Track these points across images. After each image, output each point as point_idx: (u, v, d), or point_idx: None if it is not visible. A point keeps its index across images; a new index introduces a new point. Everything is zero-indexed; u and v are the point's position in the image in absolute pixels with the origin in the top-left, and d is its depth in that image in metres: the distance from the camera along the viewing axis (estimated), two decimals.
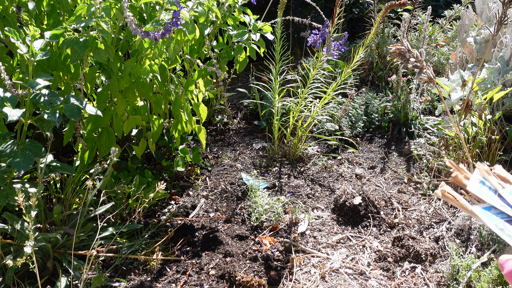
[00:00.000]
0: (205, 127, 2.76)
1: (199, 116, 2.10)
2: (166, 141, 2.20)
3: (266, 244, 1.74)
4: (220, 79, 1.91)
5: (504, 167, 2.20)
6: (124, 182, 1.82)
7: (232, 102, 3.24)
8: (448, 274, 1.52)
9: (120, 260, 1.58)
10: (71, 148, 2.33)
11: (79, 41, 1.49)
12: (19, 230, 1.38)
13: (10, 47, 1.56)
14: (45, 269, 1.49)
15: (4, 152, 1.30)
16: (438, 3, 4.79)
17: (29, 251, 1.09)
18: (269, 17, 3.47)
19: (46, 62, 1.64)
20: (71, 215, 1.63)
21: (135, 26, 1.46)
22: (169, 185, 2.14)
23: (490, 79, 2.22)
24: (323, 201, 2.04)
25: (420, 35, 3.27)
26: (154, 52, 1.71)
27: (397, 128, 2.72)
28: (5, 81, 1.32)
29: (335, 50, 2.01)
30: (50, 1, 1.67)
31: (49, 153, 1.49)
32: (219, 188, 2.16)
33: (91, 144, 1.76)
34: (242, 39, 1.99)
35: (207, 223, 1.89)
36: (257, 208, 1.89)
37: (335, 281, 1.55)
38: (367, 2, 4.26)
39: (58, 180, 1.70)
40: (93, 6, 1.49)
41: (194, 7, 1.73)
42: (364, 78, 3.36)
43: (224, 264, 1.59)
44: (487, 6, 2.72)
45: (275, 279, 1.55)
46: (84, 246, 1.58)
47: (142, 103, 1.90)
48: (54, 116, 1.32)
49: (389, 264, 1.63)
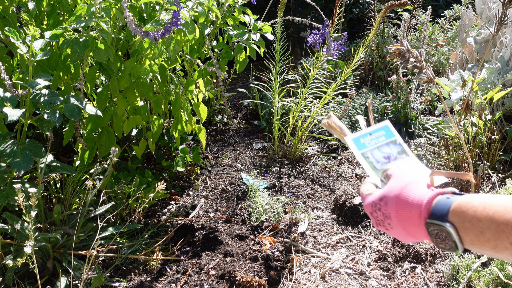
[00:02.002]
0: (205, 127, 2.76)
1: (199, 116, 2.10)
2: (166, 141, 2.20)
3: (266, 244, 1.74)
4: (220, 79, 1.91)
5: (504, 167, 2.20)
6: (124, 182, 1.82)
7: (232, 102, 3.24)
8: (448, 274, 1.52)
9: (120, 260, 1.58)
10: (71, 148, 2.32)
11: (79, 41, 1.49)
12: (19, 230, 1.38)
13: (10, 47, 1.56)
14: (45, 269, 1.49)
15: (4, 152, 1.30)
16: (438, 3, 4.79)
17: (29, 251, 1.09)
18: (269, 17, 3.47)
19: (46, 62, 1.64)
20: (71, 215, 1.63)
21: (135, 26, 1.46)
22: (169, 185, 2.14)
23: (490, 79, 2.22)
24: (323, 201, 2.04)
25: (420, 35, 3.27)
26: (154, 52, 1.71)
27: (397, 128, 2.72)
28: (5, 81, 1.32)
29: (335, 50, 2.01)
30: (50, 1, 1.67)
31: (49, 153, 1.49)
32: (219, 188, 2.16)
33: (91, 144, 1.76)
34: (242, 39, 1.98)
35: (207, 223, 1.89)
36: (257, 208, 1.89)
37: (335, 281, 1.55)
38: (367, 2, 4.26)
39: (58, 180, 1.70)
40: (93, 6, 1.49)
41: (194, 7, 1.73)
42: (364, 78, 3.36)
43: (224, 264, 1.59)
44: (487, 6, 2.72)
45: (275, 279, 1.55)
46: (84, 246, 1.58)
47: (142, 103, 1.90)
48: (54, 116, 1.32)
49: (389, 264, 1.63)
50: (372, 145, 0.81)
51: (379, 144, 0.81)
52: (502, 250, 0.52)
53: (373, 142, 0.81)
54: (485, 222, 0.53)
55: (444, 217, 0.57)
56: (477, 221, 0.54)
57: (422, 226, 0.61)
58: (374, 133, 0.82)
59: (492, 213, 0.53)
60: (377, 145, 0.81)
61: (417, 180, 0.65)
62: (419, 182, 0.65)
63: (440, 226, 0.57)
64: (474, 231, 0.54)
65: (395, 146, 0.81)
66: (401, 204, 0.63)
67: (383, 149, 0.81)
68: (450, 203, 0.58)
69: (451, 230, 0.56)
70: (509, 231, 0.50)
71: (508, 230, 0.50)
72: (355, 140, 0.82)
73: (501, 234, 0.51)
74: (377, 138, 0.82)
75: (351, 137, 0.82)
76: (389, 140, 0.82)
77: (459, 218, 0.56)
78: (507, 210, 0.52)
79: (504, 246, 0.51)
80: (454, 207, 0.57)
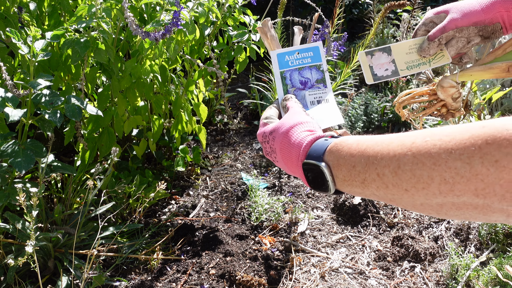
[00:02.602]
0: (205, 127, 2.76)
1: (199, 116, 2.10)
2: (167, 141, 2.21)
3: (266, 244, 1.75)
4: (220, 79, 1.92)
5: None
6: (125, 182, 1.82)
7: (232, 102, 3.24)
8: (447, 274, 1.53)
9: (121, 259, 1.59)
10: (72, 148, 2.33)
11: (80, 41, 1.49)
12: (21, 229, 1.38)
13: (11, 48, 1.57)
14: (46, 269, 1.50)
15: (5, 152, 1.30)
16: (437, 4, 4.80)
17: (30, 250, 1.10)
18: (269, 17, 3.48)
19: (47, 62, 1.65)
20: (72, 214, 1.63)
21: (135, 26, 1.46)
22: (169, 185, 2.14)
23: (489, 79, 2.22)
24: (323, 201, 2.05)
25: None
26: (154, 53, 1.72)
27: (396, 128, 2.73)
28: (7, 82, 1.33)
29: (335, 50, 2.02)
30: (51, 1, 1.68)
31: (50, 153, 1.50)
32: (219, 187, 2.17)
33: (92, 144, 1.77)
34: (242, 39, 1.99)
35: (207, 222, 1.89)
36: (257, 208, 1.90)
37: (335, 281, 1.56)
38: (366, 3, 4.27)
39: (59, 180, 1.71)
40: (94, 7, 1.50)
41: (195, 8, 1.74)
42: (364, 78, 3.37)
43: (224, 263, 1.59)
44: None
45: (275, 278, 1.56)
46: (85, 246, 1.58)
47: (143, 103, 1.90)
48: (55, 116, 1.33)
49: (389, 264, 1.64)
50: (295, 65, 0.77)
51: (302, 65, 0.77)
52: (370, 183, 0.52)
53: (297, 62, 0.77)
54: (357, 157, 0.54)
55: (320, 158, 0.58)
56: (350, 156, 0.55)
57: (300, 167, 0.62)
58: (302, 53, 0.78)
59: (365, 148, 0.53)
60: (299, 67, 0.77)
61: (307, 122, 0.66)
62: (307, 124, 0.65)
63: (315, 165, 0.58)
64: (346, 166, 0.55)
65: (317, 73, 0.77)
66: (284, 144, 0.65)
67: (304, 72, 0.77)
68: (327, 144, 0.59)
69: (324, 169, 0.57)
70: (378, 162, 0.50)
71: (377, 161, 0.51)
72: (280, 56, 0.78)
73: (370, 166, 0.51)
74: (303, 58, 0.78)
75: (276, 52, 0.78)
76: (314, 64, 0.78)
77: (334, 156, 0.57)
78: (377, 144, 0.52)
79: (372, 178, 0.51)
80: (330, 146, 0.58)
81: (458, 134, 0.44)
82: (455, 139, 0.44)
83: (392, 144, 0.50)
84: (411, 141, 0.48)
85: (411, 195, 0.48)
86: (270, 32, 0.80)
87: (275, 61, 0.77)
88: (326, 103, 0.75)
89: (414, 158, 0.47)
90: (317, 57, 0.78)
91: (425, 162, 0.45)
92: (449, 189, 0.44)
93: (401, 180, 0.48)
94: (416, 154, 0.47)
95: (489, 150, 0.41)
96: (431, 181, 0.45)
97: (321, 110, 0.74)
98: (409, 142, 0.48)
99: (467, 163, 0.42)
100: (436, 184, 0.45)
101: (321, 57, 0.78)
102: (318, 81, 0.77)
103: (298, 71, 0.77)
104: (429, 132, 0.48)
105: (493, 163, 0.40)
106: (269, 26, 0.80)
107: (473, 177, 0.42)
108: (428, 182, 0.46)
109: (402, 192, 0.49)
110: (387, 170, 0.49)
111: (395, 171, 0.48)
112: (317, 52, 0.78)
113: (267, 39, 0.80)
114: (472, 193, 0.43)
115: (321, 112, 0.73)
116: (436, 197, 0.46)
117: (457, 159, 0.43)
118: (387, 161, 0.49)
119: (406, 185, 0.48)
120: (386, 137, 0.53)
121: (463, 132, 0.44)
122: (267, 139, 0.69)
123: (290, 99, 0.73)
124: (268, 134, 0.69)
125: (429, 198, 0.47)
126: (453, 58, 0.85)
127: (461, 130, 0.44)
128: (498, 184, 0.40)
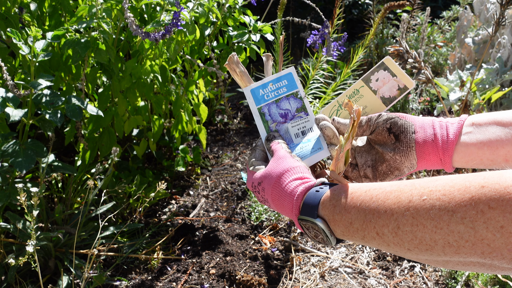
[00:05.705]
0: (205, 127, 2.77)
1: (199, 116, 2.11)
2: (167, 141, 2.21)
3: (266, 243, 1.75)
4: (220, 80, 1.93)
5: None
6: (125, 182, 1.83)
7: (232, 102, 3.25)
8: (446, 273, 1.53)
9: (121, 259, 1.59)
10: (72, 148, 2.34)
11: (81, 41, 1.50)
12: (21, 229, 1.39)
13: (12, 48, 1.57)
14: (47, 268, 1.50)
15: (6, 152, 1.31)
16: (436, 4, 4.81)
17: (31, 250, 1.10)
18: (269, 17, 3.48)
19: (47, 62, 1.65)
20: (72, 214, 1.64)
21: (136, 27, 1.47)
22: (169, 184, 2.15)
23: (488, 79, 2.23)
24: None
25: (419, 36, 3.29)
26: (154, 53, 1.73)
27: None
28: (8, 82, 1.34)
29: (335, 50, 2.03)
30: (52, 2, 1.68)
31: (51, 153, 1.50)
32: (220, 187, 2.17)
33: (92, 144, 1.78)
34: (242, 39, 2.00)
35: (208, 222, 1.90)
36: (257, 208, 1.91)
37: (335, 280, 1.57)
38: (366, 3, 4.28)
39: (60, 179, 1.71)
40: (94, 7, 1.51)
41: (195, 8, 1.74)
42: None
43: (224, 263, 1.60)
44: (485, 7, 2.74)
45: (275, 278, 1.56)
46: (85, 245, 1.59)
47: (143, 103, 1.91)
48: (55, 116, 1.34)
49: (388, 263, 1.64)
50: (271, 98, 0.73)
51: (279, 96, 0.74)
52: (370, 240, 0.51)
53: (273, 94, 0.74)
54: (353, 213, 0.52)
55: (314, 213, 0.57)
56: (346, 213, 0.53)
57: (296, 221, 0.61)
58: (276, 83, 0.74)
59: (359, 203, 0.52)
60: (276, 99, 0.73)
61: (294, 167, 0.63)
62: (295, 170, 0.63)
63: (312, 222, 0.57)
64: (343, 222, 0.53)
65: (295, 101, 0.74)
66: (275, 196, 0.63)
67: (282, 104, 0.74)
68: (320, 196, 0.57)
69: (321, 226, 0.55)
70: (376, 220, 0.49)
71: (374, 220, 0.49)
72: (254, 91, 0.73)
73: (368, 224, 0.50)
74: (278, 89, 0.74)
75: (249, 88, 0.74)
76: (290, 92, 0.74)
77: (329, 211, 0.55)
78: (372, 199, 0.51)
79: (371, 236, 0.50)
80: (323, 200, 0.57)
81: (457, 193, 0.43)
82: (454, 200, 0.42)
83: (388, 201, 0.49)
84: (408, 199, 0.47)
85: (415, 254, 0.47)
86: (238, 68, 0.75)
87: (250, 98, 0.73)
88: (310, 132, 0.72)
89: (414, 219, 0.45)
90: (292, 84, 0.74)
91: (426, 225, 0.44)
92: (454, 252, 0.43)
93: (403, 241, 0.47)
94: (415, 215, 0.45)
95: (493, 215, 0.39)
96: (435, 244, 0.44)
97: (307, 145, 0.71)
98: (405, 200, 0.47)
99: (470, 228, 0.41)
100: (440, 247, 0.44)
101: (296, 84, 0.75)
102: (298, 110, 0.74)
103: (275, 104, 0.73)
104: (424, 188, 0.46)
105: (499, 229, 0.39)
106: (235, 61, 0.75)
107: (478, 241, 0.41)
108: (431, 245, 0.44)
109: (405, 251, 0.48)
110: (386, 230, 0.48)
111: (395, 232, 0.47)
112: (291, 79, 0.75)
113: (237, 75, 0.75)
114: (479, 256, 0.41)
115: (307, 148, 0.70)
116: (441, 257, 0.45)
117: (459, 222, 0.41)
118: (385, 220, 0.48)
119: (409, 246, 0.47)
120: (379, 189, 0.51)
121: (462, 191, 0.42)
122: (257, 190, 0.67)
123: (273, 140, 0.70)
124: (257, 185, 0.66)
125: (434, 257, 0.46)
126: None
127: (459, 188, 0.43)
128: (506, 249, 0.39)
